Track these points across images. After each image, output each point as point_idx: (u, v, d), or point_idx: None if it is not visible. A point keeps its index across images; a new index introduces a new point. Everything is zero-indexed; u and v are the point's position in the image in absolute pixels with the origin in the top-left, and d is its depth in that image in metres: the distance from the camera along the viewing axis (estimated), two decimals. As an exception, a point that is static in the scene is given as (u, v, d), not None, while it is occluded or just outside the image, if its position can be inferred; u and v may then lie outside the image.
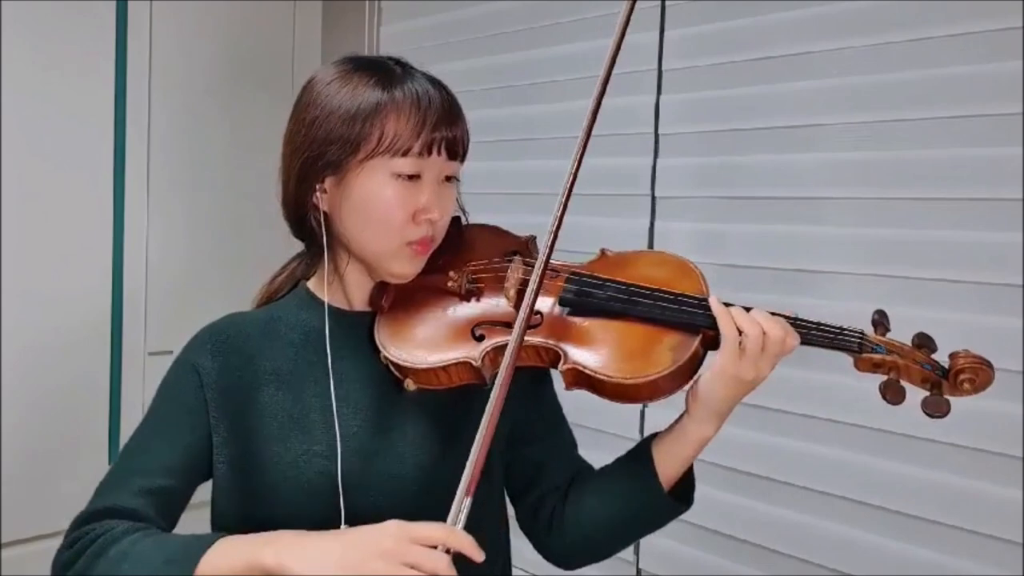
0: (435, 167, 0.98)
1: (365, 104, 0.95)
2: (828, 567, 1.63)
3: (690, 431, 0.98)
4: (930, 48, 1.52)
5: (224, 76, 2.48)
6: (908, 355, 0.92)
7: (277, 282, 1.12)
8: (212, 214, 2.47)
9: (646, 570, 1.90)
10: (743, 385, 0.93)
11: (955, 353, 0.91)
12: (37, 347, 2.15)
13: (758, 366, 0.92)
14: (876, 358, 0.92)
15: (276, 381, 1.01)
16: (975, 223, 1.47)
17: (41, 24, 2.12)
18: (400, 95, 0.95)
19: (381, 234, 0.97)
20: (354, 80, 0.97)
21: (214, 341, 1.02)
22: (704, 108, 1.82)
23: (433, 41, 2.37)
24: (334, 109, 0.96)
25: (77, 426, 2.24)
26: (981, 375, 0.89)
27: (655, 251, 1.07)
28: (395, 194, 0.95)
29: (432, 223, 0.98)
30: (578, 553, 1.09)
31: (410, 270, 1.00)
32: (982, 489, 1.46)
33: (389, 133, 0.94)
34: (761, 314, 0.93)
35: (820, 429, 1.64)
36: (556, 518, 1.08)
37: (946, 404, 0.90)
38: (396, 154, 0.95)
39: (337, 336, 1.02)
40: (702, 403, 0.96)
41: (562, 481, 1.10)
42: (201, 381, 1.00)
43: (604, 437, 1.85)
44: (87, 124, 2.23)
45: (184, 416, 1.00)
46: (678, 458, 1.00)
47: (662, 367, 0.91)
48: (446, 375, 0.96)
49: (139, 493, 0.94)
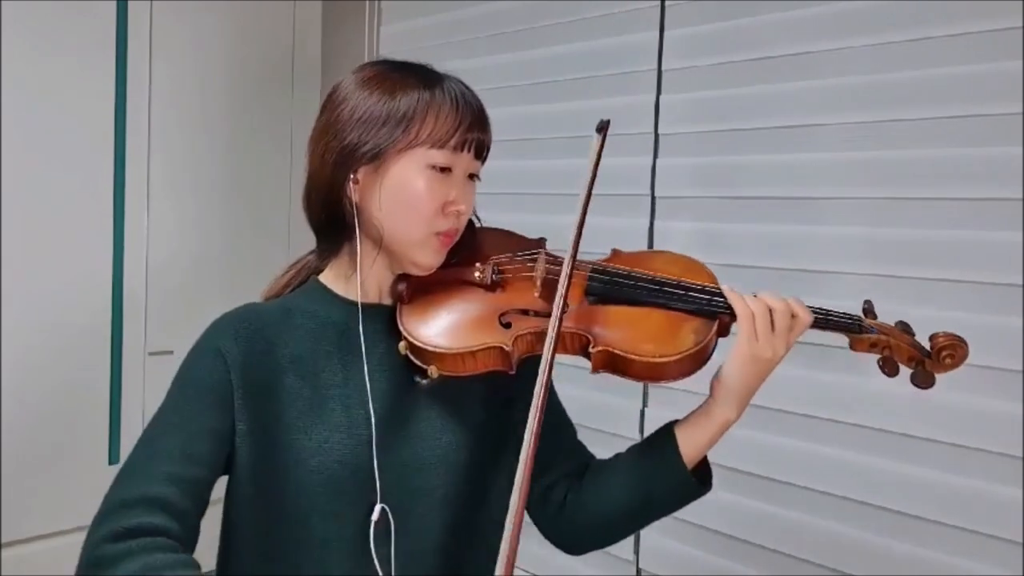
0: (464, 163, 1.03)
1: (407, 101, 1.00)
2: (828, 567, 1.63)
3: (714, 414, 1.04)
4: (930, 48, 1.52)
5: (224, 76, 2.48)
6: (898, 336, 1.04)
7: (287, 277, 1.13)
8: (212, 214, 2.47)
9: (646, 570, 1.90)
10: (761, 364, 1.01)
11: (935, 335, 1.03)
12: (37, 347, 2.15)
13: (773, 344, 1.00)
14: (872, 338, 1.04)
15: (296, 369, 1.01)
16: (975, 223, 1.47)
17: (41, 24, 2.13)
18: (441, 94, 1.01)
19: (412, 221, 1.01)
20: (394, 78, 1.02)
21: (236, 327, 1.02)
22: (704, 108, 1.82)
23: (433, 41, 2.37)
24: (375, 102, 1.01)
25: (77, 426, 2.24)
26: (959, 351, 1.02)
27: (666, 251, 1.14)
28: (428, 184, 1.00)
29: (459, 215, 1.03)
30: (590, 537, 1.14)
31: (434, 261, 1.04)
32: (982, 489, 1.46)
33: (428, 127, 1.00)
34: (768, 294, 1.02)
35: (820, 429, 1.65)
36: (570, 502, 1.11)
37: (932, 377, 1.03)
38: (434, 146, 1.00)
39: (354, 328, 1.04)
40: (725, 385, 1.02)
41: (572, 468, 1.14)
42: (227, 364, 0.99)
43: (604, 437, 1.85)
44: (87, 124, 2.23)
45: (209, 400, 0.99)
46: (700, 442, 1.05)
47: (687, 347, 1.00)
48: (473, 361, 0.99)
49: (169, 480, 0.93)
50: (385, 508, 0.98)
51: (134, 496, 0.91)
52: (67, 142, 2.19)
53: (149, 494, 0.92)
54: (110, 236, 2.28)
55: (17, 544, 2.12)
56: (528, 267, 1.07)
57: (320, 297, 1.07)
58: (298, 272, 1.13)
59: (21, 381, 2.12)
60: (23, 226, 2.11)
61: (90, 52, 2.22)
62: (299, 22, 2.65)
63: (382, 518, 0.98)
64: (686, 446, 1.05)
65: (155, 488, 0.92)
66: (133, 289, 2.32)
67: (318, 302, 1.06)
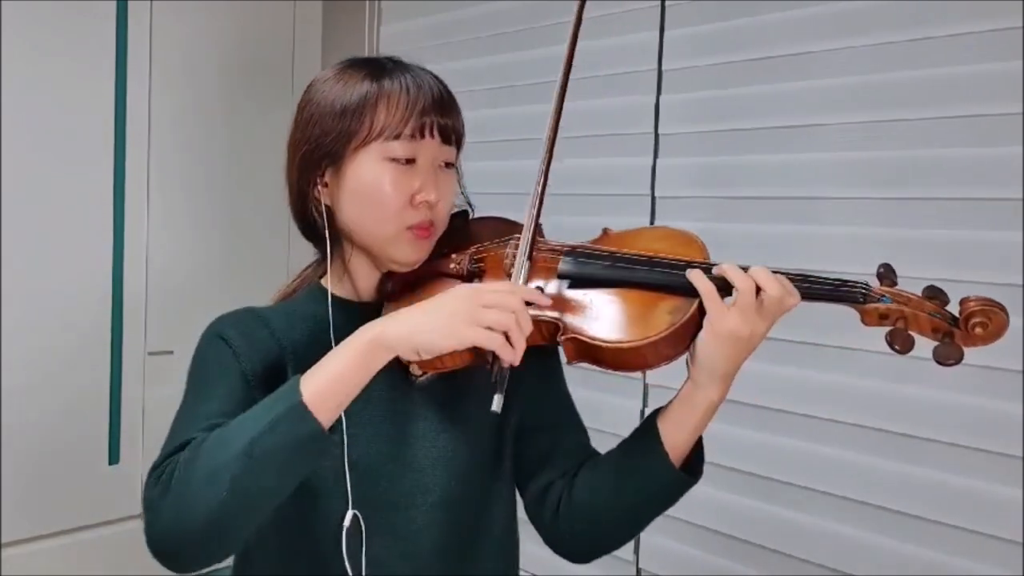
0: (429, 151, 1.00)
1: (356, 95, 0.98)
2: (828, 567, 1.63)
3: (695, 396, 0.95)
4: (930, 48, 1.52)
5: (224, 76, 2.48)
6: (916, 305, 0.89)
7: (293, 285, 1.13)
8: (212, 214, 2.47)
9: (646, 570, 1.90)
10: (740, 342, 0.90)
11: (966, 298, 0.87)
12: (37, 348, 2.15)
13: (753, 322, 0.90)
14: (882, 308, 0.89)
15: (296, 364, 1.01)
16: (975, 223, 1.47)
17: (41, 24, 2.13)
18: (389, 84, 0.99)
19: (380, 219, 0.99)
20: (347, 75, 1.01)
21: (234, 321, 1.02)
22: (704, 108, 1.82)
23: (433, 41, 2.37)
24: (329, 103, 1.00)
25: (77, 426, 2.24)
26: (995, 319, 0.85)
27: (659, 227, 1.06)
28: (390, 178, 0.98)
29: (430, 206, 1.00)
30: (586, 539, 1.07)
31: (413, 256, 1.01)
32: (982, 489, 1.46)
33: (380, 119, 0.97)
34: (760, 271, 0.91)
35: (820, 429, 1.64)
36: (564, 503, 1.06)
37: (959, 351, 0.87)
38: (388, 138, 0.98)
39: (344, 326, 1.01)
40: (700, 365, 0.93)
41: (570, 468, 1.09)
42: (233, 351, 0.98)
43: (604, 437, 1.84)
44: (87, 124, 2.23)
45: (230, 379, 0.97)
46: (686, 427, 0.97)
47: (659, 329, 0.90)
48: (451, 357, 0.92)
49: (207, 428, 0.89)
50: (357, 514, 0.97)
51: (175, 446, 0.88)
52: (67, 142, 2.19)
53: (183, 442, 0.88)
54: (110, 236, 2.28)
55: (17, 544, 2.12)
56: (502, 252, 1.03)
57: (318, 299, 1.06)
58: (303, 280, 1.13)
59: (21, 381, 2.12)
60: (23, 226, 2.11)
61: (90, 52, 2.22)
62: (299, 22, 2.65)
63: (354, 523, 0.97)
64: (671, 436, 0.97)
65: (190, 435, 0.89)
66: (133, 289, 2.32)
67: (317, 304, 1.06)
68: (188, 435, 0.88)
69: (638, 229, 1.05)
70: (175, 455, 0.86)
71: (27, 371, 2.13)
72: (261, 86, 2.55)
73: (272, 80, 2.58)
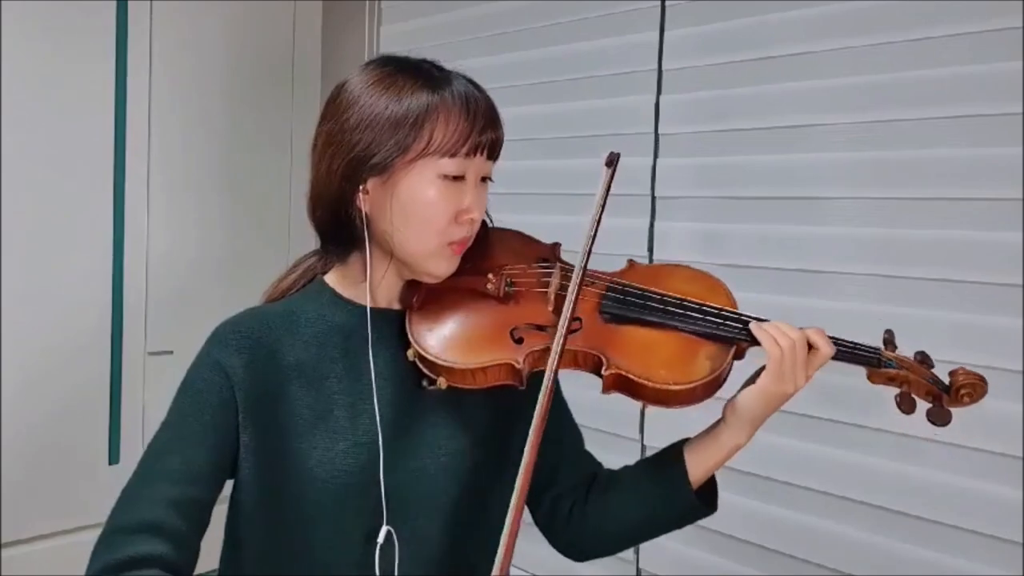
0: (476, 168, 0.99)
1: (415, 106, 0.95)
2: (828, 567, 1.63)
3: (724, 439, 1.02)
4: (930, 48, 1.52)
5: (224, 76, 2.48)
6: (916, 371, 1.01)
7: (291, 279, 1.10)
8: (212, 214, 2.47)
9: (646, 570, 1.90)
10: (784, 397, 0.98)
11: (954, 371, 1.00)
12: (37, 348, 2.15)
13: (800, 378, 0.97)
14: (891, 372, 1.00)
15: (300, 377, 1.00)
16: (975, 223, 1.47)
17: (41, 24, 2.13)
18: (449, 98, 0.97)
19: (425, 234, 0.98)
20: (399, 82, 0.98)
21: (239, 336, 1.00)
22: (704, 108, 1.82)
23: (433, 41, 2.37)
24: (381, 111, 0.96)
25: (77, 426, 2.24)
26: (978, 389, 1.00)
27: (682, 266, 1.10)
28: (440, 195, 0.96)
29: (472, 223, 1.00)
30: (597, 548, 1.14)
31: (447, 270, 1.01)
32: (982, 489, 1.46)
33: (439, 135, 0.95)
34: (812, 332, 0.98)
35: (820, 429, 1.64)
36: (576, 516, 1.11)
37: (949, 414, 1.00)
38: (444, 155, 0.96)
39: (361, 333, 1.01)
40: (739, 412, 1.00)
41: (578, 479, 1.13)
42: (230, 381, 0.97)
43: (604, 437, 1.84)
44: (87, 124, 2.23)
45: (211, 416, 0.97)
46: (708, 463, 1.04)
47: (702, 375, 0.97)
48: (483, 375, 0.97)
49: (169, 504, 0.92)
50: (391, 531, 0.97)
51: (132, 523, 0.91)
52: (67, 142, 2.19)
53: (147, 520, 0.91)
54: (110, 236, 2.28)
55: (17, 544, 2.12)
56: (543, 282, 1.04)
57: (326, 300, 1.04)
58: (303, 274, 1.10)
59: (21, 381, 2.12)
60: (23, 226, 2.11)
61: (90, 52, 2.22)
62: (299, 22, 2.64)
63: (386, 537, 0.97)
64: (694, 469, 1.04)
65: (153, 513, 0.92)
66: (133, 289, 2.32)
67: (324, 306, 1.04)
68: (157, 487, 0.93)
69: (666, 268, 1.10)
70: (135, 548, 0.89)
71: (27, 371, 2.13)
72: (261, 86, 2.55)
73: (272, 80, 2.58)
